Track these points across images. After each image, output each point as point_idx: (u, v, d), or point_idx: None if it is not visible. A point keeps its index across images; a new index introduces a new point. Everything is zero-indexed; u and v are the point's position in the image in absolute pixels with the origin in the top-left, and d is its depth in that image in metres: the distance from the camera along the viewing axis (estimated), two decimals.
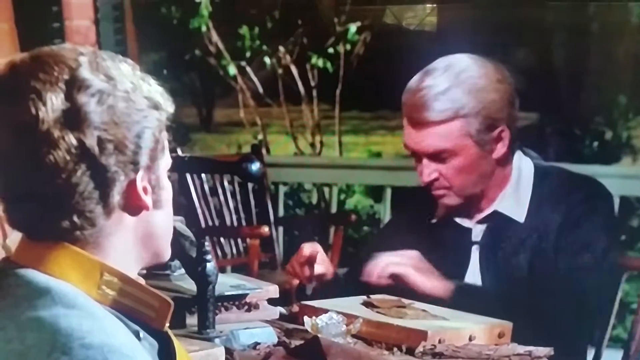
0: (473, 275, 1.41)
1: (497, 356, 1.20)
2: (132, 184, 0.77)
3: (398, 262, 1.37)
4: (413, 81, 1.41)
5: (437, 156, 1.38)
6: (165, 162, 0.81)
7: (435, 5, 4.25)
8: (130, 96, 0.77)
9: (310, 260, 1.42)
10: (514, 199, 1.41)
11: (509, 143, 1.39)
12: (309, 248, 1.43)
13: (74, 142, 0.74)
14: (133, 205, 0.78)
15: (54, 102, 0.74)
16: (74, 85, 0.75)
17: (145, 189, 0.78)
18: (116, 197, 0.77)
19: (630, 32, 4.16)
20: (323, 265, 1.44)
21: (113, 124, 0.75)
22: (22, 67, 0.77)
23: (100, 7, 2.81)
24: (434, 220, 1.46)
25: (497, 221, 1.41)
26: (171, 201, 0.83)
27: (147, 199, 0.79)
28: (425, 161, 1.39)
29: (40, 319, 0.72)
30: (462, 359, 1.19)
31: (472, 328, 1.25)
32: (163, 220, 0.82)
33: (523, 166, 1.43)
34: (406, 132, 1.40)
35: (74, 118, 0.74)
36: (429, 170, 1.39)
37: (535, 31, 4.11)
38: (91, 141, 0.75)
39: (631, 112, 4.19)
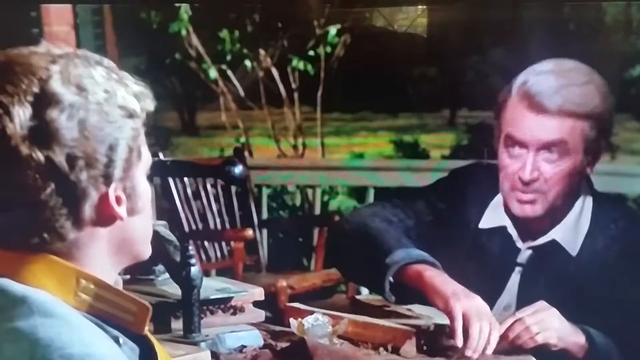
0: (509, 297, 1.35)
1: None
2: (104, 196, 0.76)
3: (547, 328, 1.23)
4: (534, 71, 1.33)
5: (549, 149, 1.30)
6: (142, 166, 0.79)
7: (425, 6, 4.28)
8: (103, 108, 0.75)
9: None
10: (573, 229, 1.35)
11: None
12: None
13: (42, 159, 0.72)
14: (106, 216, 0.77)
15: (22, 118, 0.72)
16: (44, 100, 0.73)
17: (119, 199, 0.77)
18: (87, 211, 0.75)
19: (605, 31, 4.21)
20: None
21: (84, 139, 0.73)
22: None
23: (79, 13, 2.80)
24: (482, 226, 1.38)
25: (549, 249, 1.35)
26: (149, 204, 0.81)
27: (121, 210, 0.77)
28: (531, 155, 1.31)
29: (17, 330, 0.71)
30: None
31: None
32: (140, 226, 0.80)
33: (587, 197, 1.37)
34: (520, 120, 1.31)
35: (42, 135, 0.72)
36: (533, 168, 1.30)
37: (517, 30, 4.15)
38: (60, 158, 0.73)
39: None
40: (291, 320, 1.26)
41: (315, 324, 1.23)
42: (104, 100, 0.75)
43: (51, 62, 0.75)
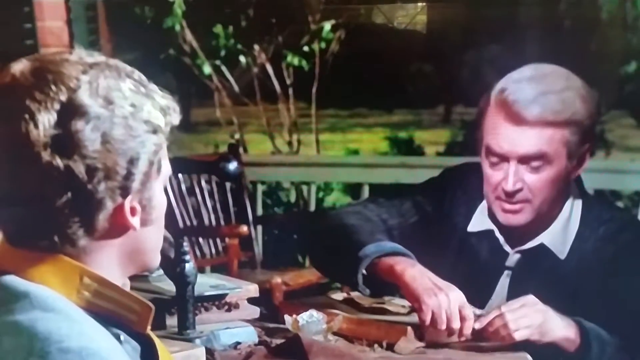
0: (499, 300, 1.33)
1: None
2: (120, 207, 0.76)
3: (528, 326, 1.21)
4: (513, 79, 1.29)
5: (530, 161, 1.27)
6: (161, 178, 0.79)
7: (425, 3, 4.27)
8: (128, 122, 0.75)
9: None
10: (562, 233, 1.32)
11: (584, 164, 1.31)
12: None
13: (62, 168, 0.72)
14: (119, 226, 0.77)
15: (46, 126, 0.72)
16: (70, 110, 0.73)
17: (133, 210, 0.76)
18: (101, 220, 0.75)
19: (601, 28, 4.22)
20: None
21: (106, 151, 0.73)
22: (21, 82, 0.74)
23: (72, 8, 2.78)
24: (470, 229, 1.35)
25: (537, 252, 1.33)
26: (163, 215, 0.81)
27: (135, 220, 0.77)
28: (513, 166, 1.27)
29: (17, 323, 0.71)
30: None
31: None
32: (152, 236, 0.80)
33: (575, 199, 1.34)
34: (499, 130, 1.27)
35: (65, 144, 0.72)
36: (516, 179, 1.27)
37: (510, 28, 4.15)
38: (80, 168, 0.73)
39: (603, 106, 4.25)
40: (286, 316, 1.26)
41: (310, 320, 1.23)
42: (129, 115, 0.75)
43: (82, 72, 0.75)
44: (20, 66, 0.75)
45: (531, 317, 1.22)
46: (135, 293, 0.80)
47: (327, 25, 4.22)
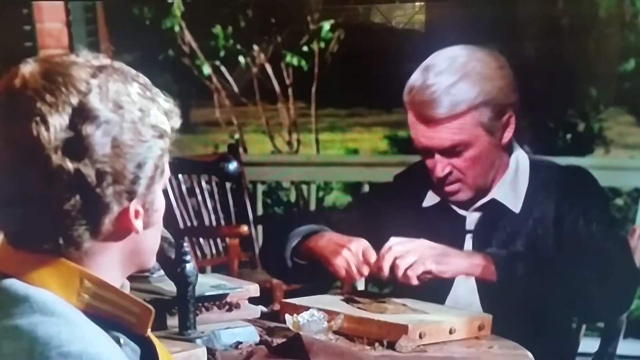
0: None
1: None
2: (125, 210, 0.76)
3: (413, 261, 1.30)
4: (416, 78, 1.38)
5: (451, 150, 1.36)
6: (162, 182, 0.80)
7: (423, 3, 4.27)
8: (137, 126, 0.75)
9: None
10: (512, 188, 1.40)
11: (515, 128, 1.39)
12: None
13: (72, 171, 0.73)
14: (123, 229, 0.77)
15: (57, 129, 0.72)
16: (81, 114, 0.73)
17: (136, 213, 0.77)
18: (106, 223, 0.76)
19: (599, 25, 4.22)
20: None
21: (115, 155, 0.74)
22: (31, 84, 0.74)
23: (71, 9, 2.79)
24: (425, 205, 1.44)
25: (493, 210, 1.40)
26: (161, 217, 0.82)
27: (138, 223, 0.77)
28: (437, 156, 1.37)
29: (17, 327, 0.71)
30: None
31: (452, 321, 1.27)
32: (152, 238, 0.81)
33: (520, 157, 1.43)
34: (415, 128, 1.37)
35: (76, 148, 0.73)
36: (443, 165, 1.37)
37: (508, 27, 4.15)
38: (90, 172, 0.73)
39: (602, 104, 4.26)
40: (287, 316, 1.26)
41: (311, 319, 1.24)
42: (138, 119, 0.76)
43: (91, 75, 0.75)
44: (29, 68, 0.75)
45: (419, 250, 1.30)
46: (136, 294, 0.80)
47: (326, 25, 4.23)
